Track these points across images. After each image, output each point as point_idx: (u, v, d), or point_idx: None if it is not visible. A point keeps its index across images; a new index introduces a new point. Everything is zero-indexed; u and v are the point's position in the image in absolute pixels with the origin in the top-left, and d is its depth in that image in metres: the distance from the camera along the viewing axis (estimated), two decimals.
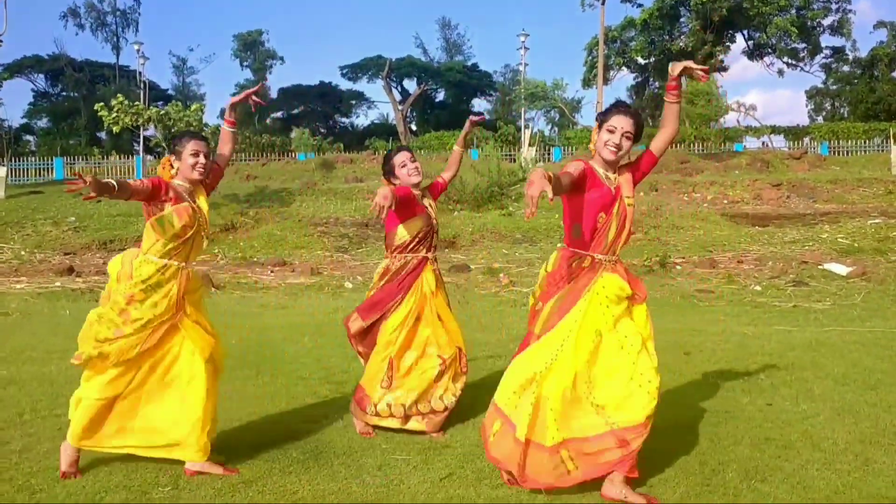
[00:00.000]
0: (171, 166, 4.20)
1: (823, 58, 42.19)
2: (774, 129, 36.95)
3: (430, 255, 4.94)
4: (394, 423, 4.77)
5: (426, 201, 5.00)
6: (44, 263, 16.59)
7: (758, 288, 12.45)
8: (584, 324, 3.78)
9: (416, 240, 4.89)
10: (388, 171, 5.00)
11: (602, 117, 3.92)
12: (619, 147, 3.83)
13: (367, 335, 4.92)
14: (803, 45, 40.28)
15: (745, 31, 40.67)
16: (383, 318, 4.84)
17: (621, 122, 3.84)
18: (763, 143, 35.13)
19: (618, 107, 3.91)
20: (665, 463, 4.16)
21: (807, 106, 55.66)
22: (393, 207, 4.40)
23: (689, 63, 3.91)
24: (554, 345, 3.78)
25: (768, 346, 7.62)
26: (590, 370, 3.76)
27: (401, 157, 4.94)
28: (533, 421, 3.69)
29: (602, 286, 3.82)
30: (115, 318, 4.02)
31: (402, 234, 4.88)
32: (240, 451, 4.44)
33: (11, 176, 28.36)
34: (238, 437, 4.77)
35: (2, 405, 5.49)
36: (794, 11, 38.07)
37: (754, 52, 41.76)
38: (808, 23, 38.68)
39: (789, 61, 41.42)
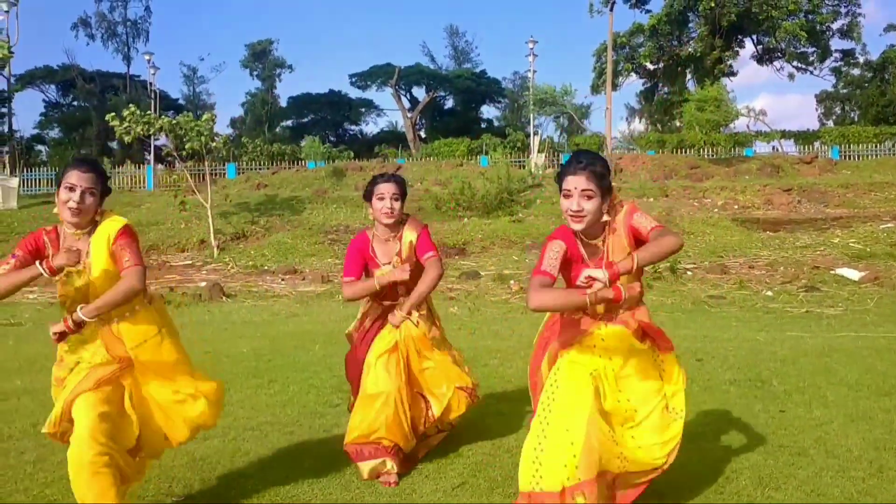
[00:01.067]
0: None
1: (833, 61, 42.00)
2: (784, 134, 36.78)
3: (399, 300, 4.40)
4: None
5: (394, 243, 4.42)
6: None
7: (769, 293, 12.41)
8: (571, 370, 3.36)
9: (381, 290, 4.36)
10: (368, 195, 4.43)
11: (557, 180, 3.40)
12: (579, 212, 3.27)
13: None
14: (813, 48, 40.09)
15: (755, 36, 40.52)
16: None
17: (573, 182, 3.27)
18: (773, 147, 34.97)
19: (567, 164, 3.35)
20: (677, 470, 4.13)
21: (817, 110, 55.63)
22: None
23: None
24: (547, 401, 3.33)
25: (780, 352, 7.59)
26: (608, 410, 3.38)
27: (382, 189, 4.34)
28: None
29: (600, 338, 3.42)
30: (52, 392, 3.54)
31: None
32: (251, 459, 4.46)
33: (23, 186, 28.52)
34: (249, 446, 4.78)
35: (16, 415, 5.52)
36: (803, 15, 37.92)
37: (763, 57, 41.63)
38: (818, 27, 38.52)
39: (799, 65, 41.23)
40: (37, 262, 3.28)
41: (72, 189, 3.31)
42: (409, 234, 4.41)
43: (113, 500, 3.21)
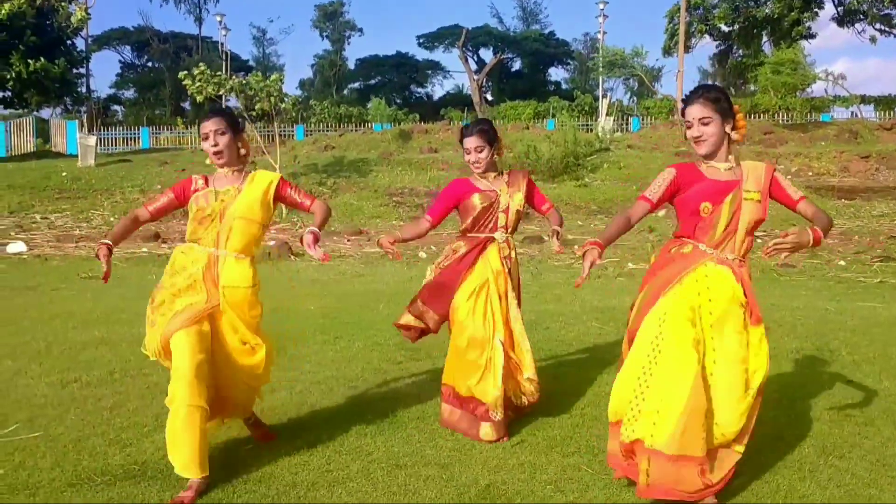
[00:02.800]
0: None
1: None
2: (864, 99, 35.46)
3: (496, 235, 4.48)
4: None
5: (491, 181, 4.50)
6: None
7: (842, 263, 12.09)
8: (676, 305, 3.40)
9: (474, 221, 4.48)
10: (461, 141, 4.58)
11: (682, 114, 3.57)
12: (699, 137, 3.45)
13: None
14: None
15: None
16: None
17: (691, 113, 3.45)
18: (852, 113, 33.76)
19: (685, 99, 3.54)
20: None
21: None
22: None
23: None
24: (648, 339, 3.42)
25: (851, 322, 7.42)
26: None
27: (467, 143, 4.46)
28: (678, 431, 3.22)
29: (704, 274, 3.45)
30: (148, 313, 3.77)
31: (461, 215, 4.54)
32: (317, 412, 4.60)
33: (100, 145, 29.33)
34: (315, 398, 4.92)
35: (94, 364, 5.76)
36: None
37: (844, 19, 39.99)
38: None
39: (882, 28, 39.50)
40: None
41: (206, 137, 3.78)
42: (517, 195, 4.48)
43: (201, 440, 3.50)
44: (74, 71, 30.61)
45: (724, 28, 40.53)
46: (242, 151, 3.90)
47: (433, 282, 4.54)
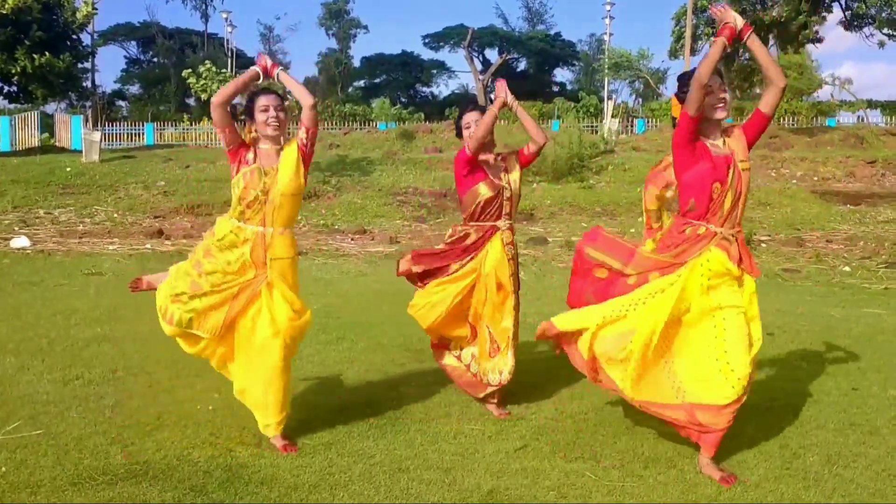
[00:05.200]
0: (250, 130, 4.16)
1: None
2: (871, 104, 35.40)
3: (499, 223, 4.73)
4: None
5: (496, 169, 4.76)
6: (135, 226, 17.19)
7: (847, 269, 12.05)
8: (676, 290, 3.73)
9: (480, 208, 4.69)
10: (458, 130, 4.89)
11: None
12: (724, 98, 3.78)
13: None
14: None
15: (843, 1, 38.84)
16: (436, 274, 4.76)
17: (714, 79, 3.73)
18: (859, 117, 33.66)
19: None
20: (745, 444, 4.11)
21: None
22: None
23: None
24: (640, 297, 3.82)
25: (856, 329, 7.39)
26: (672, 338, 3.75)
27: (467, 118, 4.80)
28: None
29: (706, 259, 3.76)
30: (190, 271, 4.08)
31: (467, 201, 4.74)
32: (319, 413, 4.57)
33: (105, 141, 29.32)
34: (318, 399, 4.90)
35: (97, 361, 5.75)
36: None
37: (852, 23, 39.88)
38: None
39: (890, 32, 39.35)
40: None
41: (266, 109, 4.09)
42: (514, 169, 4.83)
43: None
44: (80, 66, 30.58)
45: None
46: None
47: (431, 250, 4.90)
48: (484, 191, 4.65)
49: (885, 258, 12.82)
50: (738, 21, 3.67)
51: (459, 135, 4.88)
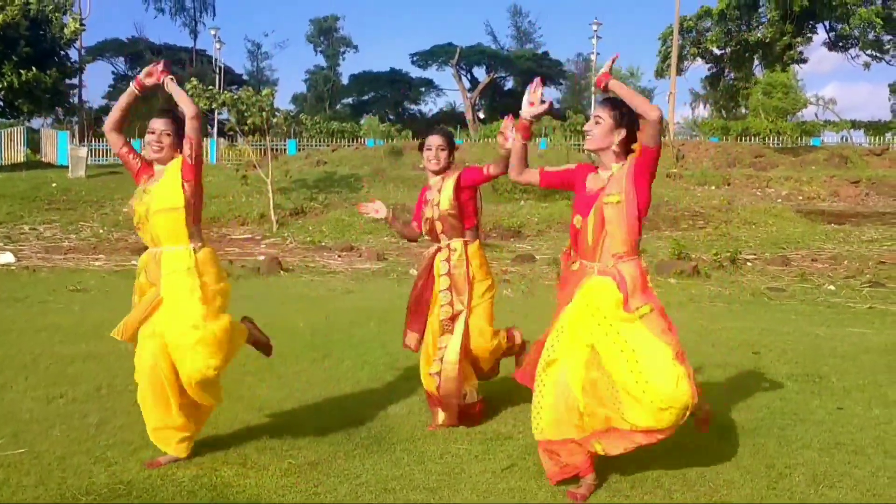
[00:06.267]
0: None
1: None
2: (855, 124, 35.75)
3: (441, 243, 4.80)
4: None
5: (435, 191, 4.80)
6: (121, 242, 17.12)
7: (832, 288, 12.12)
8: (571, 331, 3.72)
9: (426, 232, 4.86)
10: (420, 147, 4.92)
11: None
12: (587, 130, 3.78)
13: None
14: (889, 36, 38.67)
15: (827, 22, 39.28)
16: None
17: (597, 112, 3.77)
18: (843, 137, 33.99)
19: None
20: (730, 465, 4.11)
21: (889, 100, 53.58)
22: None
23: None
24: (551, 343, 3.80)
25: (841, 348, 7.43)
26: (599, 371, 3.61)
27: (429, 141, 4.81)
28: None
29: (588, 288, 3.70)
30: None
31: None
32: (305, 432, 4.54)
33: (92, 156, 29.21)
34: (303, 419, 4.87)
35: (81, 379, 5.71)
36: (879, 2, 36.65)
37: (836, 44, 40.38)
38: (895, 13, 37.18)
39: (874, 53, 39.85)
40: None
41: (152, 132, 4.15)
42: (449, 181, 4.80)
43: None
44: (67, 82, 30.54)
45: (717, 51, 40.86)
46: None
47: (411, 298, 4.93)
48: (425, 215, 4.87)
49: (870, 277, 12.90)
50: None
51: (420, 149, 4.93)
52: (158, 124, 4.18)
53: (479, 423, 4.79)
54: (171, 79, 4.24)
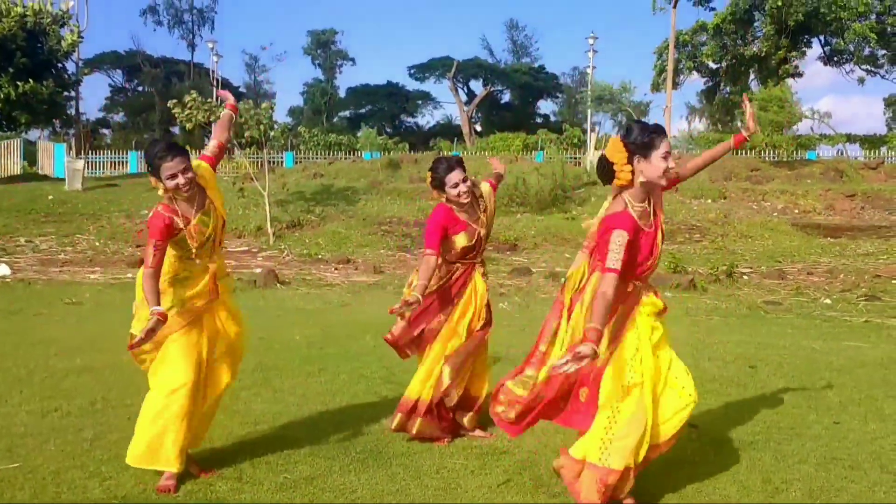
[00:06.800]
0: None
1: None
2: (850, 138, 35.86)
3: (476, 259, 4.92)
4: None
5: (471, 210, 4.86)
6: (117, 255, 17.10)
7: (828, 301, 12.13)
8: (645, 352, 3.69)
9: (463, 251, 4.84)
10: (438, 184, 4.78)
11: (647, 142, 3.56)
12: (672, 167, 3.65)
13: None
14: (883, 51, 38.85)
15: (822, 37, 39.43)
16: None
17: (666, 145, 3.58)
18: (838, 151, 34.09)
19: (655, 127, 3.64)
20: (727, 479, 4.10)
21: (885, 114, 53.87)
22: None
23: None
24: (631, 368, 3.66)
25: (837, 362, 7.43)
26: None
27: (453, 177, 4.70)
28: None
29: (650, 304, 3.77)
30: None
31: (447, 247, 4.83)
32: (301, 447, 4.53)
33: (88, 168, 29.20)
34: (299, 433, 4.86)
35: (76, 393, 5.69)
36: (873, 17, 36.81)
37: (831, 58, 40.55)
38: (889, 29, 37.37)
39: (868, 68, 40.01)
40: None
41: (173, 177, 3.87)
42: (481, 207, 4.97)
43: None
44: (64, 94, 30.55)
45: (712, 65, 40.99)
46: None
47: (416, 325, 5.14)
48: (465, 240, 4.84)
49: (865, 291, 12.92)
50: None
51: (436, 186, 4.81)
52: (179, 164, 3.88)
53: (479, 414, 4.88)
54: (233, 116, 4.48)
